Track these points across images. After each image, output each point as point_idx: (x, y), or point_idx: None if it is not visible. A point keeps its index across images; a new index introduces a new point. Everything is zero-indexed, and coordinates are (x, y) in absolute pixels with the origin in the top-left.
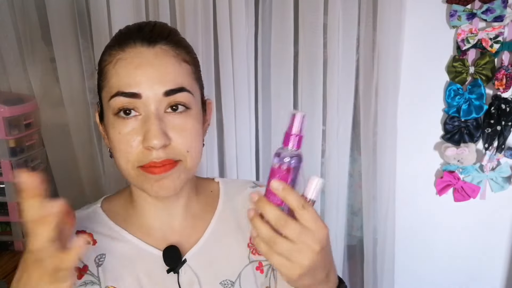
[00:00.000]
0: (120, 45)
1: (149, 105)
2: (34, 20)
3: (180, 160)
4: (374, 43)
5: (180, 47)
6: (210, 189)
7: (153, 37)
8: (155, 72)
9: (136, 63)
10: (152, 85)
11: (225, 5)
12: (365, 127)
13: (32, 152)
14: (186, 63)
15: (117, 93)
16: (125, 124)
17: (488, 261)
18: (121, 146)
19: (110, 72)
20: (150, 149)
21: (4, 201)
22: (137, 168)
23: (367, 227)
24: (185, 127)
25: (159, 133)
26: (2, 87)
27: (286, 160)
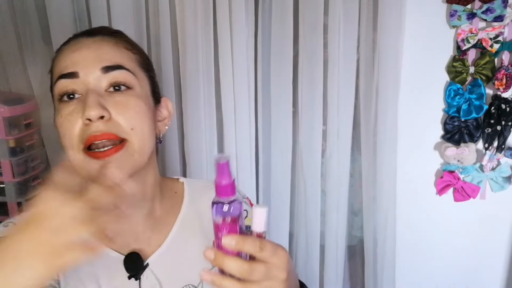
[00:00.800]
0: (64, 43)
1: (88, 83)
2: (34, 20)
3: (125, 140)
4: (374, 43)
5: (121, 40)
6: (174, 190)
7: (94, 31)
8: (92, 52)
9: (73, 49)
10: (88, 63)
11: (225, 5)
12: (365, 127)
13: (32, 152)
14: (127, 50)
15: (58, 77)
16: (67, 106)
17: (488, 261)
18: (63, 129)
19: (54, 65)
20: (89, 123)
21: (4, 201)
22: (82, 151)
23: (367, 227)
24: (127, 104)
25: (95, 104)
26: (2, 87)
27: (228, 212)
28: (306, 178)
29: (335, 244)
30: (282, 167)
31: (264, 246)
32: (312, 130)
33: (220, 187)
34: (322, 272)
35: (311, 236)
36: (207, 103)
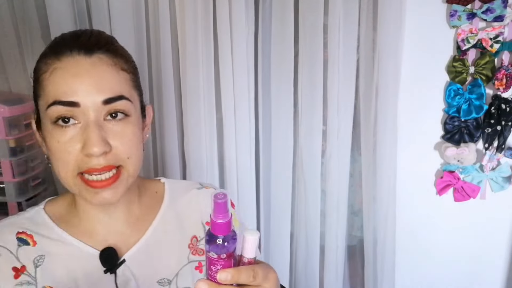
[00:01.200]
0: (56, 54)
1: (88, 113)
2: (34, 20)
3: (121, 166)
4: (374, 43)
5: (117, 56)
6: (155, 190)
7: (89, 46)
8: (93, 81)
9: (72, 72)
10: (90, 94)
11: (225, 5)
12: (365, 127)
13: (32, 152)
14: (124, 72)
15: (55, 102)
16: (63, 133)
17: (488, 261)
18: (60, 155)
19: (46, 81)
20: (90, 156)
21: (4, 201)
22: (76, 176)
23: (367, 227)
24: (125, 134)
25: (99, 141)
26: (2, 87)
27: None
28: (306, 178)
29: (335, 244)
30: (282, 167)
31: (257, 274)
32: (312, 130)
33: (216, 225)
34: (322, 272)
35: (311, 236)
36: (207, 103)
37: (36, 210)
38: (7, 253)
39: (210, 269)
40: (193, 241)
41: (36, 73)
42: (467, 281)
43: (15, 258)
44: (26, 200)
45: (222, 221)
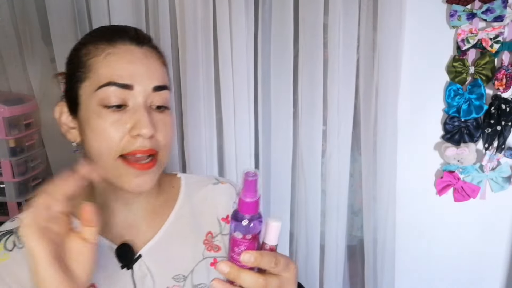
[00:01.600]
0: (109, 41)
1: (139, 97)
2: (34, 20)
3: (157, 153)
4: (374, 43)
5: (159, 52)
6: (172, 184)
7: (140, 39)
8: (146, 68)
9: (128, 59)
10: (143, 80)
11: (225, 5)
12: (365, 127)
13: (32, 152)
14: (165, 66)
15: (109, 83)
16: (112, 114)
17: (488, 261)
18: (107, 135)
19: (98, 64)
20: (137, 138)
21: (4, 201)
22: (118, 158)
23: (367, 227)
24: (166, 123)
25: (149, 123)
26: (2, 87)
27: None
28: (306, 178)
29: (335, 244)
30: (282, 167)
31: (278, 261)
32: (312, 130)
33: (244, 204)
34: (322, 272)
35: (311, 236)
36: (207, 103)
37: None
38: None
39: (232, 251)
40: (208, 237)
41: (83, 57)
42: (467, 281)
43: None
44: (26, 200)
45: (250, 200)
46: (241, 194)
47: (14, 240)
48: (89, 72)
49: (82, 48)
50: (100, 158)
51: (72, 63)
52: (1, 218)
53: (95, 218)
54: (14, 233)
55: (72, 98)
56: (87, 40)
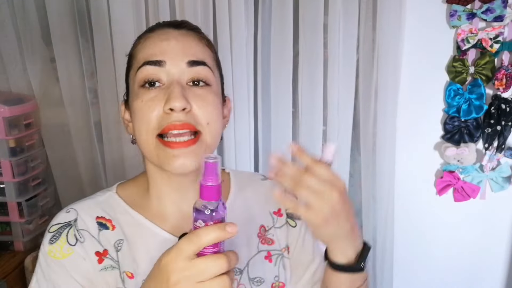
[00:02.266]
0: (150, 30)
1: (172, 74)
2: (34, 20)
3: (199, 132)
4: (374, 43)
5: (203, 36)
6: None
7: (180, 24)
8: (180, 44)
9: (162, 38)
10: (176, 55)
11: (225, 5)
12: (365, 127)
13: (32, 152)
14: (208, 48)
15: (144, 63)
16: (148, 93)
17: (488, 261)
18: (142, 113)
19: (138, 50)
20: (170, 112)
21: (4, 201)
22: (156, 138)
23: (367, 227)
24: (206, 99)
25: (180, 96)
26: (2, 87)
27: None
28: None
29: None
30: None
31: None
32: (312, 131)
33: (206, 188)
34: None
35: None
36: None
37: (109, 194)
38: (90, 238)
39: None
40: (262, 231)
41: (131, 50)
42: (467, 281)
43: (97, 242)
44: (26, 200)
45: (211, 184)
46: (202, 180)
47: (75, 233)
48: (133, 59)
49: (135, 43)
50: (141, 140)
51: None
52: (1, 218)
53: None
54: (73, 226)
55: (127, 90)
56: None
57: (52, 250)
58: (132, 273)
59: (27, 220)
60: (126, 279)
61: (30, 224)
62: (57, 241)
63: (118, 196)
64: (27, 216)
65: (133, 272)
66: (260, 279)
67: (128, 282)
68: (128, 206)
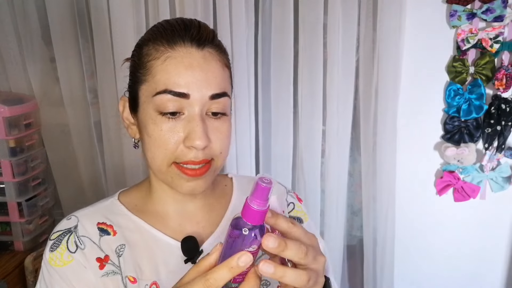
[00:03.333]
0: (169, 43)
1: (195, 106)
2: (34, 20)
3: (212, 160)
4: (374, 43)
5: (222, 52)
6: (224, 183)
7: (201, 39)
8: (204, 75)
9: (186, 64)
10: (200, 88)
11: (225, 5)
12: (365, 127)
13: (32, 152)
14: (227, 68)
15: (165, 91)
16: (167, 121)
17: (488, 260)
18: (161, 143)
19: (157, 68)
20: (191, 149)
21: (4, 201)
22: (171, 165)
23: (367, 227)
24: (222, 130)
25: (203, 135)
26: (2, 87)
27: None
28: (306, 178)
29: (334, 243)
30: (282, 167)
31: (307, 251)
32: (312, 130)
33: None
34: None
35: None
36: None
37: (111, 201)
38: (91, 244)
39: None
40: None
41: (143, 58)
42: (467, 281)
43: (98, 248)
44: (26, 200)
45: (256, 207)
46: (249, 199)
47: (75, 240)
48: (148, 74)
49: (144, 46)
50: (154, 162)
51: (134, 61)
52: (1, 218)
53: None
54: (73, 232)
55: (133, 97)
56: (150, 37)
57: (53, 258)
58: (134, 277)
59: (27, 220)
60: (129, 283)
61: (30, 224)
62: (57, 248)
63: (120, 202)
64: (27, 216)
65: (136, 276)
66: (266, 282)
67: (130, 286)
68: (129, 211)
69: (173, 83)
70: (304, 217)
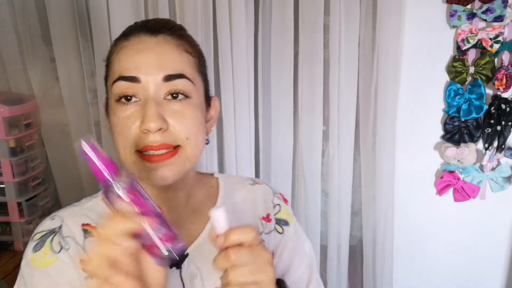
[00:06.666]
0: (125, 35)
1: (148, 89)
2: (34, 20)
3: (179, 146)
4: (374, 43)
5: (182, 39)
6: (210, 184)
7: (156, 27)
8: (155, 57)
9: (137, 49)
10: (151, 70)
11: (225, 5)
12: (365, 127)
13: (32, 152)
14: (188, 54)
15: (118, 78)
16: (124, 109)
17: (488, 260)
18: (119, 130)
19: (113, 60)
20: (147, 132)
21: (4, 201)
22: (134, 153)
23: (367, 227)
24: (184, 114)
25: (155, 116)
26: (2, 87)
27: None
28: (306, 178)
29: (337, 244)
30: (282, 167)
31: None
32: (312, 130)
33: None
34: (325, 273)
35: (311, 236)
36: None
37: (94, 201)
38: (75, 245)
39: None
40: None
41: (108, 57)
42: (467, 281)
43: (82, 250)
44: (26, 200)
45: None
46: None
47: (60, 241)
48: (109, 69)
49: (111, 46)
50: (120, 155)
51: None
52: (1, 218)
53: None
54: (57, 233)
55: (107, 98)
56: (116, 38)
57: (36, 259)
58: None
59: (27, 220)
60: None
61: (30, 224)
62: (41, 249)
63: (103, 202)
64: (27, 216)
65: None
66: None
67: None
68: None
69: (124, 69)
70: (289, 218)
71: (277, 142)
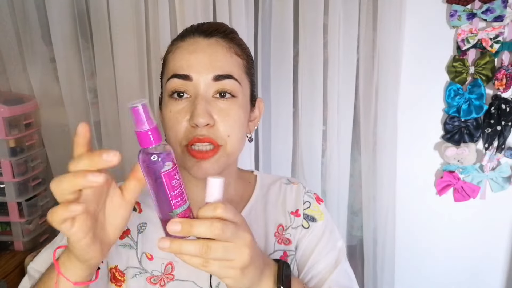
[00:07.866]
0: (182, 37)
1: (199, 87)
2: (34, 20)
3: (221, 145)
4: (374, 43)
5: (233, 42)
6: (248, 180)
7: (209, 30)
8: (207, 58)
9: (190, 50)
10: (202, 69)
11: (225, 5)
12: (365, 127)
13: (32, 152)
14: (237, 56)
15: (172, 76)
16: (176, 104)
17: (488, 260)
18: (171, 124)
19: (169, 58)
20: (195, 127)
21: (4, 201)
22: (183, 146)
23: (367, 227)
24: (229, 113)
25: (204, 112)
26: (2, 87)
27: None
28: (306, 178)
29: None
30: (282, 167)
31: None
32: (312, 130)
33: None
34: None
35: None
36: None
37: None
38: None
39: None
40: (279, 230)
41: (165, 55)
42: (467, 281)
43: None
44: (26, 200)
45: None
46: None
47: None
48: (165, 67)
49: (168, 47)
50: (171, 146)
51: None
52: (1, 218)
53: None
54: None
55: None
56: (173, 39)
57: None
58: (152, 255)
59: (27, 220)
60: (145, 259)
61: (30, 224)
62: None
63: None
64: (27, 216)
65: (153, 254)
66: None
67: (146, 262)
68: None
69: (178, 68)
70: (319, 216)
71: (277, 142)
